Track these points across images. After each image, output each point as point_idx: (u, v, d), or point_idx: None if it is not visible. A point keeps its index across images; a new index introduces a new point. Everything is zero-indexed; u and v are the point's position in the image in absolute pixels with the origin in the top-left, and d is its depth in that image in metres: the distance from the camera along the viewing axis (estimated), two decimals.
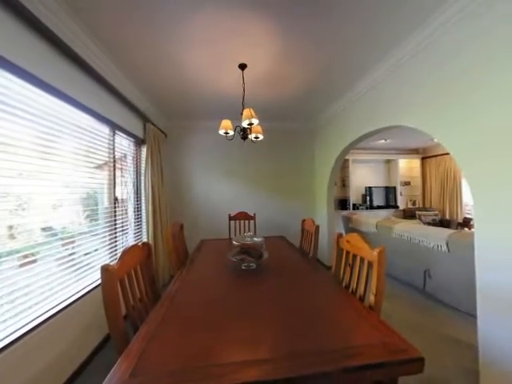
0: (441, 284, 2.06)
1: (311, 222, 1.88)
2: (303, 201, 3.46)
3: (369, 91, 2.08)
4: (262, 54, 1.67)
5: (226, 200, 3.28)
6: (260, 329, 0.79)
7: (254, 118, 1.58)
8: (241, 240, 1.51)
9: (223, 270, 1.40)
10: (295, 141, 3.46)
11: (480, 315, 1.18)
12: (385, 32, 1.47)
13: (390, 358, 0.63)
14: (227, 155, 3.29)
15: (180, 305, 0.97)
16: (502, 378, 1.08)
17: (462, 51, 1.24)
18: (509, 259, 1.04)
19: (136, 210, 2.36)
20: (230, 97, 2.37)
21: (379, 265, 0.94)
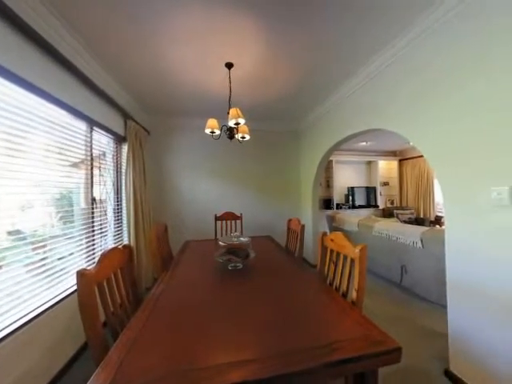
0: (416, 278, 2.20)
1: (297, 222, 1.91)
2: (289, 201, 3.52)
3: (351, 95, 2.17)
4: (249, 54, 1.67)
5: (212, 200, 3.24)
6: (246, 329, 0.79)
7: (240, 118, 1.57)
8: (227, 240, 1.50)
9: (209, 271, 1.38)
10: (281, 141, 3.50)
11: (449, 305, 1.28)
12: (366, 40, 1.54)
13: (370, 350, 0.66)
14: (213, 155, 3.24)
15: (164, 308, 0.94)
16: (469, 362, 1.18)
17: (433, 63, 1.33)
18: (473, 253, 1.14)
19: (116, 211, 2.25)
20: (217, 96, 2.34)
21: (361, 262, 0.98)
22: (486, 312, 1.10)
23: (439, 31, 1.29)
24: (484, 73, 1.09)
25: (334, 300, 0.99)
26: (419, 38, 1.40)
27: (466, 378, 1.19)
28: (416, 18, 1.34)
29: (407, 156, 5.38)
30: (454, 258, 1.25)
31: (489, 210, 1.08)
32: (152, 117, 2.96)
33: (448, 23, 1.24)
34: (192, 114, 2.94)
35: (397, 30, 1.45)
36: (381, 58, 1.70)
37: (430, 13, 1.28)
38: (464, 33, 1.17)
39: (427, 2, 1.23)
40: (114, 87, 2.04)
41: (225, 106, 2.34)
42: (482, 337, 1.12)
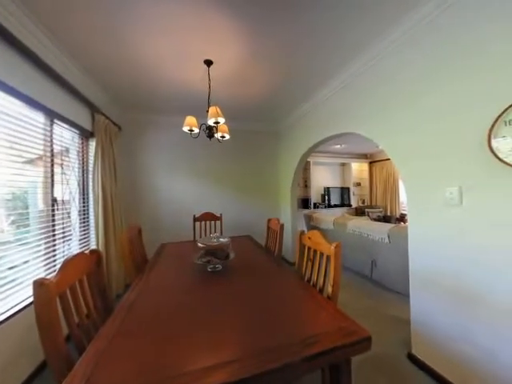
0: (384, 271, 2.39)
1: (276, 222, 1.95)
2: (269, 200, 3.56)
3: (327, 100, 2.27)
4: (229, 52, 1.65)
5: (191, 200, 3.14)
6: (226, 330, 0.78)
7: (220, 117, 1.55)
8: (206, 241, 1.46)
9: (187, 274, 1.33)
10: (261, 142, 3.53)
11: (412, 295, 1.42)
12: (338, 50, 1.63)
13: (344, 341, 0.70)
14: (192, 153, 3.15)
15: (138, 315, 0.88)
16: (427, 345, 1.32)
17: (397, 75, 1.46)
18: (432, 247, 1.28)
19: (82, 213, 2.06)
20: (196, 93, 2.28)
21: (336, 258, 1.04)
22: (440, 299, 1.24)
23: (402, 49, 1.42)
24: (437, 85, 1.22)
25: (311, 296, 1.03)
26: (385, 51, 1.53)
27: (425, 359, 1.33)
28: (384, 30, 1.45)
29: (377, 159, 5.82)
30: (415, 252, 1.39)
31: (443, 207, 1.21)
32: (124, 112, 2.77)
33: (404, 44, 1.37)
34: (169, 111, 2.81)
35: (365, 43, 1.56)
36: (352, 69, 1.82)
37: (393, 31, 1.40)
38: (419, 52, 1.30)
39: (379, 30, 1.34)
40: (78, 77, 1.86)
41: (204, 104, 2.29)
42: (437, 321, 1.26)
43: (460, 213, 1.14)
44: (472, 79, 1.08)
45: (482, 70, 1.04)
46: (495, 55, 0.99)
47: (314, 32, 1.46)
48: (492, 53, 1.00)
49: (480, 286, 1.06)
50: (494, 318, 1.01)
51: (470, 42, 1.08)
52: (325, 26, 1.41)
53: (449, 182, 1.18)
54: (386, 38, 1.48)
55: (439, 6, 1.18)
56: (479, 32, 1.05)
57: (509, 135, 0.93)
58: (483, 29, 1.03)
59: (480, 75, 1.05)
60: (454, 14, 1.14)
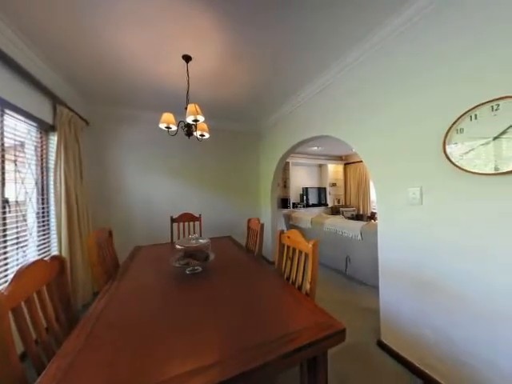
0: (357, 266, 2.55)
1: (256, 221, 1.96)
2: (249, 200, 3.57)
3: (306, 103, 2.35)
4: (209, 49, 1.62)
5: (168, 201, 3.00)
6: (206, 333, 0.77)
7: (199, 115, 1.51)
8: (185, 243, 1.41)
9: (164, 278, 1.27)
10: (241, 141, 3.52)
11: (380, 286, 1.53)
12: (315, 56, 1.70)
13: (321, 335, 0.74)
14: (169, 152, 3.01)
15: (109, 324, 0.82)
16: (393, 331, 1.44)
17: (368, 83, 1.57)
18: (397, 242, 1.40)
19: (41, 216, 1.84)
20: (174, 89, 2.19)
21: (313, 255, 1.08)
22: (405, 289, 1.36)
23: (372, 60, 1.53)
24: (403, 96, 1.34)
25: (290, 293, 1.05)
26: (357, 61, 1.63)
27: (392, 345, 1.45)
28: (357, 42, 1.55)
29: (351, 161, 6.19)
30: (384, 247, 1.51)
31: (407, 206, 1.34)
32: (93, 105, 2.54)
33: (374, 56, 1.48)
34: (144, 106, 2.66)
35: (340, 53, 1.65)
36: (327, 75, 1.91)
37: (365, 42, 1.50)
38: (388, 64, 1.42)
39: (354, 40, 1.44)
40: (36, 62, 1.65)
41: (182, 101, 2.21)
42: (402, 309, 1.38)
43: (421, 211, 1.26)
44: (432, 91, 1.20)
45: (439, 83, 1.17)
46: (450, 71, 1.12)
47: (294, 36, 1.50)
48: (447, 69, 1.13)
49: (437, 275, 1.19)
50: (449, 303, 1.15)
51: (430, 59, 1.21)
52: (304, 32, 1.46)
53: (412, 183, 1.30)
54: (360, 48, 1.58)
55: (405, 23, 1.30)
56: (437, 49, 1.17)
57: (460, 142, 1.06)
58: (440, 46, 1.16)
59: (439, 88, 1.17)
60: (417, 31, 1.26)
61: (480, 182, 1.01)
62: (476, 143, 1.00)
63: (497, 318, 0.98)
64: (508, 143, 0.90)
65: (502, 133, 0.92)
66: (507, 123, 0.90)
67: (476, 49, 1.02)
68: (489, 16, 0.98)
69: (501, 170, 0.92)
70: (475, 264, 1.04)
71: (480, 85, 1.01)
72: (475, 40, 1.02)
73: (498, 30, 0.95)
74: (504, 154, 0.92)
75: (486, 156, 0.97)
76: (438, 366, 1.20)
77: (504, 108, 0.91)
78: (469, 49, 1.05)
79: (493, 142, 0.95)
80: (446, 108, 1.12)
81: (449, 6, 1.11)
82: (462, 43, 1.07)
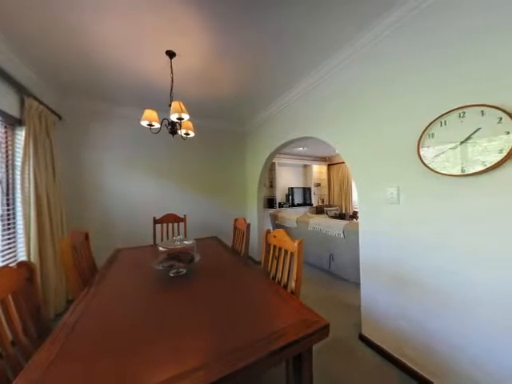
0: (340, 264, 2.65)
1: (243, 221, 1.96)
2: (235, 200, 3.55)
3: (291, 104, 2.39)
4: (194, 47, 1.58)
5: (151, 201, 2.89)
6: (191, 336, 0.75)
7: (184, 113, 1.47)
8: (169, 245, 1.37)
9: (147, 282, 1.22)
10: (228, 141, 3.49)
11: (362, 282, 1.60)
12: (299, 61, 1.73)
13: (306, 331, 0.75)
14: (152, 151, 2.90)
15: (86, 333, 0.77)
16: (373, 324, 1.51)
17: (351, 88, 1.64)
18: (377, 239, 1.47)
19: (6, 218, 1.68)
20: (157, 85, 2.11)
21: (298, 254, 1.10)
22: (384, 284, 1.44)
23: (355, 64, 1.60)
24: (382, 101, 1.42)
25: (276, 292, 1.06)
26: (339, 66, 1.69)
27: (372, 338, 1.52)
28: (340, 48, 1.61)
29: (334, 162, 6.40)
30: (365, 244, 1.58)
31: (385, 205, 1.41)
32: (67, 99, 2.37)
33: (360, 59, 1.55)
34: (124, 102, 2.53)
35: (323, 57, 1.70)
36: (311, 79, 1.96)
37: (349, 46, 1.57)
38: (369, 70, 1.49)
39: (337, 47, 1.50)
40: (6, 54, 1.51)
41: (166, 98, 2.15)
42: (381, 303, 1.46)
43: (398, 209, 1.34)
44: (409, 98, 1.28)
45: (415, 91, 1.25)
46: (423, 80, 1.20)
47: (280, 39, 1.51)
48: (421, 78, 1.21)
49: (413, 271, 1.27)
50: (423, 295, 1.23)
51: (406, 68, 1.29)
52: (289, 35, 1.48)
53: (390, 183, 1.38)
54: (343, 53, 1.64)
55: (382, 32, 1.37)
56: (412, 60, 1.25)
57: (432, 146, 1.14)
58: (417, 57, 1.24)
59: (414, 95, 1.25)
60: (394, 41, 1.34)
61: (449, 182, 1.09)
62: (445, 147, 1.08)
63: (464, 308, 1.07)
64: (473, 147, 0.99)
65: (468, 138, 1.00)
66: (472, 129, 0.99)
67: (445, 61, 1.11)
68: (456, 35, 1.07)
69: (466, 171, 1.01)
70: (446, 259, 1.12)
71: (449, 94, 1.09)
72: (445, 54, 1.11)
73: (464, 47, 1.04)
74: (469, 157, 1.00)
75: (454, 159, 1.05)
76: (412, 354, 1.28)
77: (469, 115, 1.00)
78: (439, 61, 1.13)
79: (460, 146, 1.03)
80: (421, 114, 1.21)
81: (424, 19, 1.19)
82: (432, 56, 1.16)
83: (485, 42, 0.98)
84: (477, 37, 1.00)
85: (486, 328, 1.00)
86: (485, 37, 0.98)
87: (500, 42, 0.93)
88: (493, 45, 0.95)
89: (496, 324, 0.97)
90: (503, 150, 0.90)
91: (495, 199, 0.95)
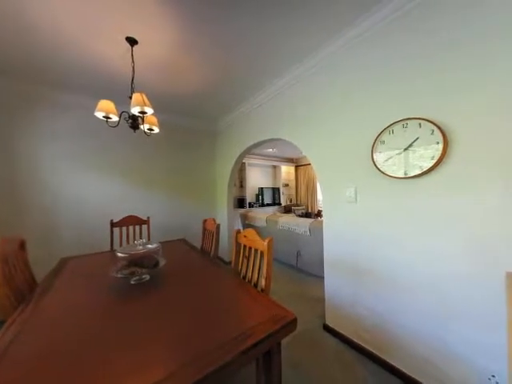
0: (306, 260, 2.81)
1: (212, 222, 1.91)
2: (204, 201, 3.45)
3: (262, 105, 2.43)
4: (158, 36, 1.48)
5: (109, 202, 2.60)
6: (156, 346, 0.70)
7: (147, 107, 1.36)
8: (129, 250, 1.25)
9: (103, 292, 1.09)
10: (197, 139, 3.36)
11: (326, 276, 1.73)
12: (270, 64, 1.78)
13: (275, 327, 0.78)
14: (110, 146, 2.61)
15: (22, 360, 0.65)
16: (336, 314, 1.65)
17: (316, 95, 1.75)
18: (339, 235, 1.61)
19: None
20: (115, 73, 1.91)
21: (268, 253, 1.13)
22: (344, 276, 1.58)
23: (321, 72, 1.72)
24: (340, 110, 1.55)
25: (246, 291, 1.07)
26: (307, 72, 1.80)
27: (334, 326, 1.65)
28: (305, 56, 1.71)
29: (301, 163, 6.75)
30: (328, 240, 1.71)
31: (345, 204, 1.55)
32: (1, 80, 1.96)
33: (324, 68, 1.67)
34: (76, 89, 2.21)
35: (291, 63, 1.78)
36: (279, 83, 2.04)
37: (314, 55, 1.68)
38: (334, 76, 1.62)
39: (299, 57, 1.60)
40: None
41: (126, 89, 1.96)
42: (342, 294, 1.60)
43: (355, 207, 1.49)
44: (366, 108, 1.43)
45: (370, 103, 1.40)
46: (378, 94, 1.36)
47: (249, 40, 1.53)
48: (376, 91, 1.37)
49: (368, 262, 1.43)
50: (375, 283, 1.39)
51: (364, 81, 1.43)
52: (259, 37, 1.50)
53: (349, 184, 1.52)
54: (306, 64, 1.75)
55: (344, 45, 1.51)
56: (369, 73, 1.41)
57: (383, 151, 1.30)
58: (371, 71, 1.39)
59: (370, 106, 1.40)
60: (356, 52, 1.48)
61: (396, 183, 1.26)
62: (393, 153, 1.24)
63: (405, 292, 1.24)
64: (413, 154, 1.16)
65: (409, 146, 1.17)
66: (412, 138, 1.16)
67: (393, 77, 1.27)
68: (402, 56, 1.24)
69: (408, 174, 1.18)
70: (394, 250, 1.29)
71: (397, 106, 1.26)
72: (393, 71, 1.28)
73: (407, 67, 1.21)
74: (410, 162, 1.17)
75: (399, 163, 1.22)
76: (368, 337, 1.44)
77: (411, 126, 1.17)
78: (389, 77, 1.30)
79: (403, 153, 1.20)
80: (374, 122, 1.36)
81: (378, 38, 1.35)
82: (383, 72, 1.32)
83: (422, 65, 1.16)
84: (417, 60, 1.18)
85: (422, 307, 1.18)
86: (421, 61, 1.16)
87: (435, 65, 1.12)
88: (429, 67, 1.14)
89: (429, 303, 1.15)
90: (434, 157, 1.08)
91: (429, 197, 1.14)
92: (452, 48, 1.05)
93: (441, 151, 1.05)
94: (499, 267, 0.92)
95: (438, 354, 1.14)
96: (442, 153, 1.05)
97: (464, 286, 1.04)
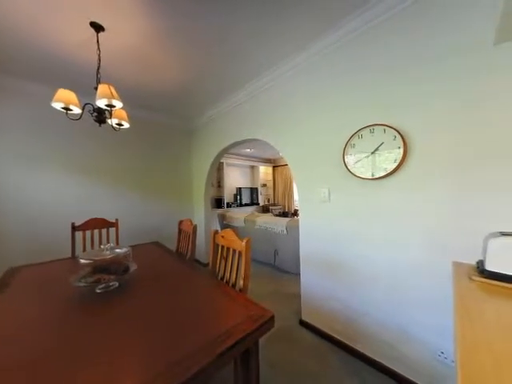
0: (284, 258, 2.87)
1: (189, 223, 1.85)
2: (180, 201, 3.31)
3: (239, 105, 2.42)
4: (127, 24, 1.38)
5: (70, 204, 2.34)
6: (127, 357, 0.65)
7: (115, 100, 1.26)
8: (94, 255, 1.15)
9: (62, 305, 0.98)
10: (171, 137, 3.21)
11: (302, 273, 1.80)
12: (247, 66, 1.79)
13: (253, 326, 0.78)
14: (72, 141, 2.35)
15: None
16: (311, 309, 1.72)
17: (293, 97, 1.81)
18: (314, 233, 1.68)
19: None
20: (78, 61, 1.73)
21: (246, 253, 1.13)
22: (319, 272, 1.65)
23: (298, 75, 1.77)
24: (314, 113, 1.63)
25: (224, 292, 1.06)
26: (286, 74, 1.84)
27: (310, 321, 1.72)
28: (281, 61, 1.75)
29: (279, 164, 6.89)
30: (304, 238, 1.77)
31: (320, 203, 1.63)
32: None
33: (295, 74, 1.73)
34: (30, 75, 1.95)
35: (269, 65, 1.81)
36: (257, 84, 2.06)
37: (294, 57, 1.73)
38: (309, 80, 1.68)
39: (272, 62, 1.65)
40: None
41: (91, 79, 1.79)
42: (317, 289, 1.67)
43: (329, 207, 1.57)
44: (338, 113, 1.51)
45: (342, 107, 1.49)
46: (350, 99, 1.45)
47: (230, 40, 1.51)
48: (348, 97, 1.46)
49: (341, 258, 1.51)
50: (346, 277, 1.48)
51: (336, 87, 1.52)
52: (240, 37, 1.49)
53: (323, 184, 1.60)
54: (284, 66, 1.79)
55: (318, 52, 1.58)
56: (340, 81, 1.49)
57: (353, 154, 1.39)
58: (344, 78, 1.48)
59: (341, 111, 1.49)
60: (325, 61, 1.56)
61: (364, 184, 1.36)
62: (362, 156, 1.34)
63: (370, 283, 1.35)
64: (379, 157, 1.27)
65: (376, 149, 1.28)
66: (378, 143, 1.27)
67: (360, 86, 1.38)
68: (369, 68, 1.34)
69: (375, 176, 1.28)
70: (362, 245, 1.39)
71: (365, 113, 1.36)
72: (363, 80, 1.38)
73: (374, 78, 1.32)
74: (377, 165, 1.28)
75: (367, 165, 1.32)
76: (340, 328, 1.53)
77: (377, 132, 1.28)
78: (359, 85, 1.40)
79: (371, 156, 1.30)
80: (347, 127, 1.45)
81: (351, 47, 1.44)
82: (353, 81, 1.41)
83: (386, 77, 1.27)
84: (380, 72, 1.29)
85: (384, 295, 1.30)
86: (384, 74, 1.27)
87: (396, 78, 1.23)
88: (391, 79, 1.25)
89: (390, 291, 1.27)
90: (396, 160, 1.19)
91: (392, 196, 1.25)
92: (409, 64, 1.18)
93: (402, 155, 1.17)
94: (448, 257, 1.06)
95: (397, 337, 1.26)
96: (402, 156, 1.17)
97: (419, 274, 1.17)
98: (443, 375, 1.11)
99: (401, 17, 1.20)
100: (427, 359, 1.15)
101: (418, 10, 1.14)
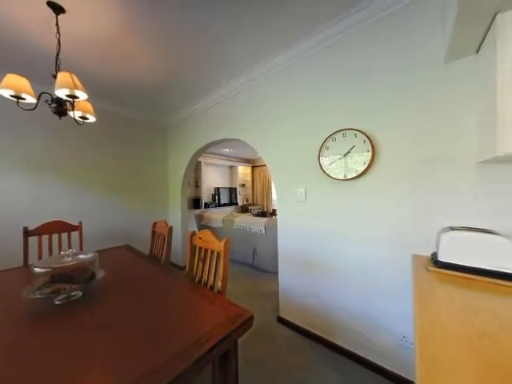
0: (262, 257, 2.90)
1: (164, 224, 1.76)
2: (154, 202, 3.14)
3: (217, 104, 2.38)
4: (93, 9, 1.26)
5: (22, 206, 2.06)
6: (93, 374, 0.59)
7: (78, 90, 1.14)
8: (53, 263, 1.02)
9: (10, 322, 0.86)
10: (145, 134, 3.03)
11: (280, 271, 1.83)
12: (227, 62, 1.77)
13: (232, 327, 0.77)
14: (24, 135, 2.07)
15: None
16: (289, 306, 1.76)
17: (268, 99, 1.83)
18: (291, 232, 1.73)
19: None
20: (33, 44, 1.53)
21: (225, 254, 1.11)
22: (296, 269, 1.71)
23: (275, 77, 1.80)
24: (290, 116, 1.68)
25: (202, 295, 1.03)
26: (264, 76, 1.86)
27: (288, 318, 1.77)
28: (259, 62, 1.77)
29: (257, 164, 6.94)
30: (281, 237, 1.81)
31: (297, 203, 1.68)
32: None
33: (274, 76, 1.77)
34: None
35: (247, 66, 1.82)
36: (235, 84, 2.05)
37: (270, 60, 1.75)
38: (286, 83, 1.73)
39: (258, 59, 1.67)
40: None
41: (49, 66, 1.60)
42: (295, 286, 1.72)
43: (305, 206, 1.63)
44: (315, 116, 1.57)
45: (318, 111, 1.55)
46: (326, 104, 1.52)
47: (204, 37, 1.47)
48: (324, 102, 1.53)
49: (316, 255, 1.58)
50: (322, 274, 1.55)
51: (312, 92, 1.58)
52: (215, 35, 1.47)
53: (300, 184, 1.65)
54: (262, 67, 1.81)
55: (288, 60, 1.63)
56: (317, 86, 1.56)
57: (327, 156, 1.46)
58: (319, 85, 1.55)
59: (318, 115, 1.55)
60: (301, 65, 1.62)
61: (338, 184, 1.44)
62: (335, 158, 1.42)
63: (343, 277, 1.44)
64: (351, 159, 1.35)
65: (348, 152, 1.36)
66: (350, 146, 1.35)
67: (334, 92, 1.45)
68: (340, 75, 1.42)
69: (347, 177, 1.37)
70: (337, 243, 1.47)
71: (338, 118, 1.44)
72: (336, 86, 1.45)
73: (344, 84, 1.41)
74: (349, 167, 1.36)
75: (340, 167, 1.40)
76: (317, 323, 1.60)
77: (349, 135, 1.36)
78: (332, 91, 1.47)
79: (343, 158, 1.38)
80: (322, 130, 1.51)
81: (325, 54, 1.51)
82: (328, 87, 1.49)
83: (356, 85, 1.36)
84: (353, 79, 1.38)
85: (355, 288, 1.39)
86: (354, 82, 1.36)
87: (365, 87, 1.33)
88: (360, 87, 1.34)
89: (360, 284, 1.37)
90: (366, 162, 1.29)
91: (362, 196, 1.35)
92: (374, 73, 1.28)
93: (370, 158, 1.27)
94: (409, 251, 1.17)
95: (366, 327, 1.36)
96: (371, 159, 1.27)
97: (384, 267, 1.27)
98: (407, 358, 1.22)
99: (373, 29, 1.29)
100: (393, 345, 1.26)
101: (385, 26, 1.24)
